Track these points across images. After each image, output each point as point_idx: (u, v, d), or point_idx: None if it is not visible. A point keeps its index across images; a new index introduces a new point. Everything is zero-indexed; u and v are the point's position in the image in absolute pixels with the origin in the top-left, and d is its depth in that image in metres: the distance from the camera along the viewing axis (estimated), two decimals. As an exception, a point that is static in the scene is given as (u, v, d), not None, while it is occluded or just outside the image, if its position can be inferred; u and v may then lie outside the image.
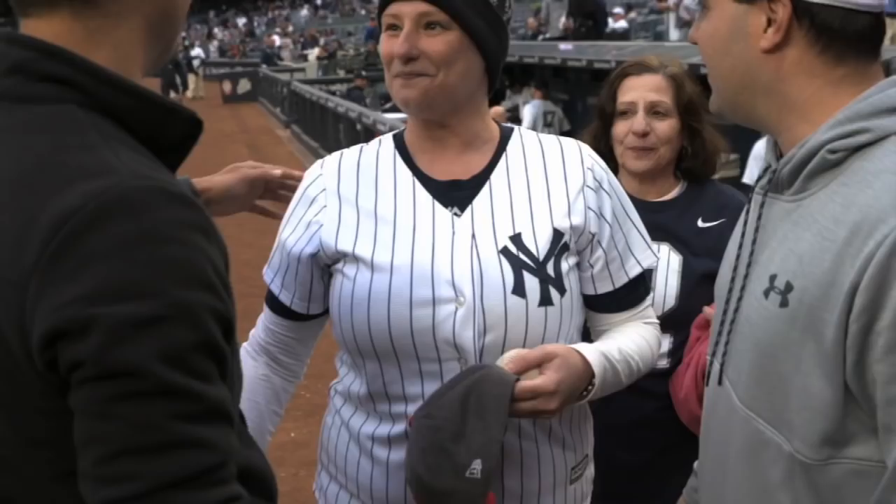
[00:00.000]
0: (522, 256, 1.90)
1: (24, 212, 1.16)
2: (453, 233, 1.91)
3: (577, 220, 1.94)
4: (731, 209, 2.51)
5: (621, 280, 2.03)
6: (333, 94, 20.07)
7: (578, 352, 1.89)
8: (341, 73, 28.82)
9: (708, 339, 2.29)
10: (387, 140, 2.05)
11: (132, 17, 1.29)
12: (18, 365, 1.16)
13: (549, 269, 1.91)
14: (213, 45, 56.68)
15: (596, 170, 2.00)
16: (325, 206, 1.98)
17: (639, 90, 2.58)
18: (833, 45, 1.45)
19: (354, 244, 1.92)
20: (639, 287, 2.08)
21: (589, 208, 1.96)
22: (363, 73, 22.39)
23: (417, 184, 1.96)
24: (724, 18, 1.51)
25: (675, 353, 2.50)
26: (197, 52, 45.79)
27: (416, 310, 1.87)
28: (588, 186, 1.97)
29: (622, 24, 21.00)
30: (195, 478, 1.14)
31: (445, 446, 1.79)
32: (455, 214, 1.93)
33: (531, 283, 1.89)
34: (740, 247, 1.60)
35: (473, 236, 1.91)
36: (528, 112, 15.06)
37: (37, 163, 1.20)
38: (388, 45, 1.89)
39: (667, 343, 2.45)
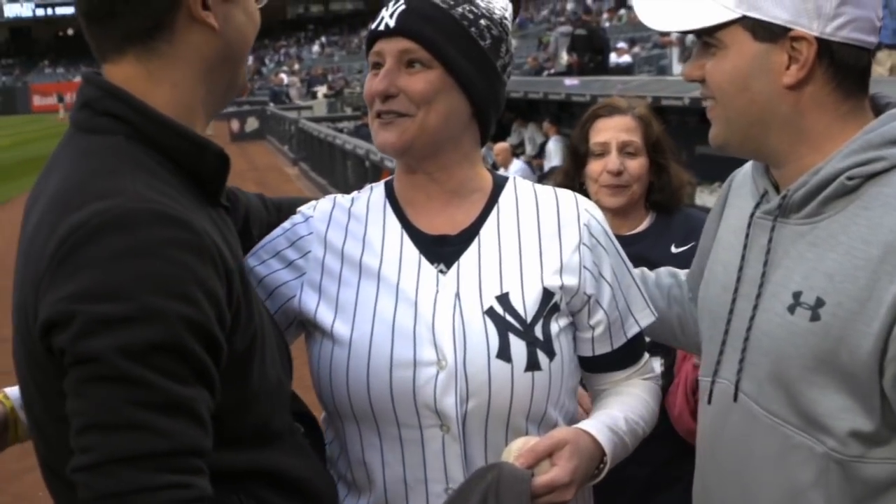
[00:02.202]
0: (509, 318, 1.81)
1: (53, 224, 1.39)
2: (437, 291, 1.83)
3: (570, 280, 1.85)
4: (699, 232, 2.67)
5: (620, 341, 1.94)
6: (341, 131, 20.20)
7: (587, 433, 1.80)
8: (348, 111, 29.01)
9: (692, 357, 2.39)
10: (378, 188, 1.98)
11: (189, 59, 1.52)
12: (41, 352, 1.39)
13: (538, 331, 1.81)
14: (221, 85, 56.96)
15: (593, 225, 1.90)
16: (308, 252, 1.90)
17: (610, 131, 2.75)
18: (845, 81, 1.59)
19: (337, 298, 1.86)
20: (636, 345, 1.99)
21: (585, 267, 1.87)
22: (370, 110, 22.46)
23: (405, 237, 1.88)
24: (745, 56, 1.61)
25: (667, 375, 2.63)
26: (205, 91, 46.02)
27: (396, 371, 1.78)
28: (584, 244, 1.87)
29: (626, 58, 21.15)
30: (142, 458, 1.31)
31: None
32: (441, 271, 1.85)
33: (517, 346, 1.79)
34: (740, 269, 1.70)
35: (457, 295, 1.82)
36: (555, 148, 14.86)
37: (75, 184, 1.43)
38: (369, 84, 1.84)
39: (658, 365, 2.59)
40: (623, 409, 1.92)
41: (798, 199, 1.62)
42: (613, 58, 20.40)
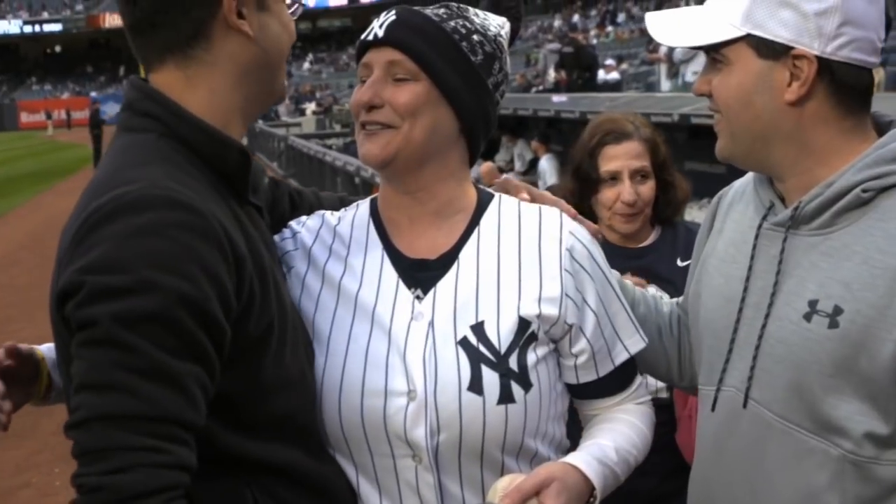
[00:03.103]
0: (482, 348, 1.75)
1: (80, 210, 1.54)
2: (411, 318, 1.78)
3: (550, 309, 1.78)
4: None
5: (606, 369, 1.87)
6: (330, 148, 20.20)
7: (575, 467, 1.73)
8: (337, 128, 29.00)
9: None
10: (364, 206, 1.95)
11: (225, 66, 1.64)
12: (59, 323, 1.53)
13: (512, 362, 1.75)
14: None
15: (576, 249, 1.83)
16: (292, 269, 1.89)
17: (621, 159, 2.76)
18: (846, 99, 1.66)
19: (312, 320, 1.83)
20: (627, 371, 1.92)
21: (567, 296, 1.80)
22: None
23: (386, 259, 1.84)
24: (749, 73, 1.68)
25: (669, 388, 2.68)
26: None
27: (367, 399, 1.75)
28: (566, 270, 1.81)
29: (614, 75, 21.21)
30: (123, 419, 1.40)
31: None
32: (417, 297, 1.80)
33: (490, 378, 1.73)
34: (747, 279, 1.76)
35: (431, 324, 1.77)
36: (548, 167, 14.76)
37: (105, 176, 1.57)
38: (355, 94, 1.82)
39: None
40: (614, 438, 1.86)
41: (811, 210, 1.68)
42: (602, 74, 20.48)
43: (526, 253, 1.82)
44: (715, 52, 1.72)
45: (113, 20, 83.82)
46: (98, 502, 1.39)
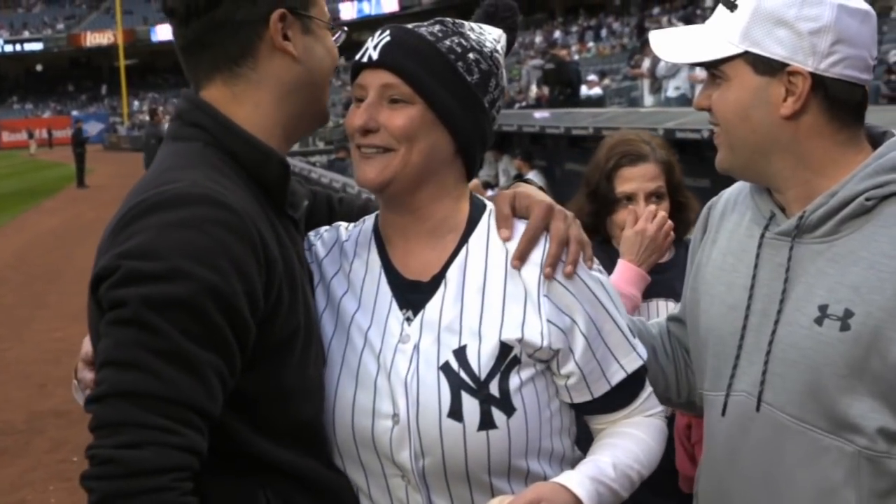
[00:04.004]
0: (463, 374, 1.73)
1: (123, 207, 1.63)
2: (399, 341, 1.78)
3: (532, 335, 1.75)
4: None
5: (602, 389, 1.83)
6: (314, 164, 20.19)
7: (565, 487, 1.71)
8: (321, 145, 28.99)
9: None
10: (369, 221, 1.95)
11: (270, 84, 1.73)
12: (94, 308, 1.61)
13: (493, 388, 1.73)
14: (193, 120, 56.74)
15: (561, 273, 1.79)
16: None
17: (637, 181, 2.79)
18: (840, 113, 1.74)
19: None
20: (629, 387, 1.87)
21: (550, 322, 1.76)
22: (346, 144, 22.39)
23: (383, 278, 1.84)
24: (746, 88, 1.77)
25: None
26: (177, 126, 45.72)
27: (357, 418, 1.76)
28: (545, 296, 1.77)
29: (597, 90, 21.27)
30: (140, 396, 1.47)
31: None
32: (407, 319, 1.80)
33: (470, 405, 1.72)
34: (752, 287, 1.83)
35: (417, 347, 1.77)
36: (537, 182, 14.75)
37: (149, 178, 1.67)
38: (350, 117, 1.80)
39: None
40: (614, 454, 1.82)
41: (815, 219, 1.74)
42: (584, 90, 20.53)
43: (511, 275, 1.80)
44: (714, 69, 1.79)
45: (94, 39, 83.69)
46: (107, 474, 1.45)
